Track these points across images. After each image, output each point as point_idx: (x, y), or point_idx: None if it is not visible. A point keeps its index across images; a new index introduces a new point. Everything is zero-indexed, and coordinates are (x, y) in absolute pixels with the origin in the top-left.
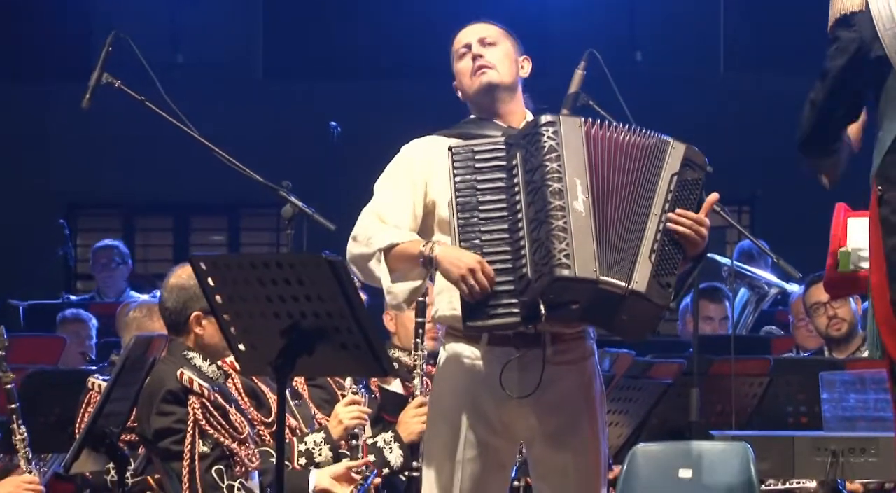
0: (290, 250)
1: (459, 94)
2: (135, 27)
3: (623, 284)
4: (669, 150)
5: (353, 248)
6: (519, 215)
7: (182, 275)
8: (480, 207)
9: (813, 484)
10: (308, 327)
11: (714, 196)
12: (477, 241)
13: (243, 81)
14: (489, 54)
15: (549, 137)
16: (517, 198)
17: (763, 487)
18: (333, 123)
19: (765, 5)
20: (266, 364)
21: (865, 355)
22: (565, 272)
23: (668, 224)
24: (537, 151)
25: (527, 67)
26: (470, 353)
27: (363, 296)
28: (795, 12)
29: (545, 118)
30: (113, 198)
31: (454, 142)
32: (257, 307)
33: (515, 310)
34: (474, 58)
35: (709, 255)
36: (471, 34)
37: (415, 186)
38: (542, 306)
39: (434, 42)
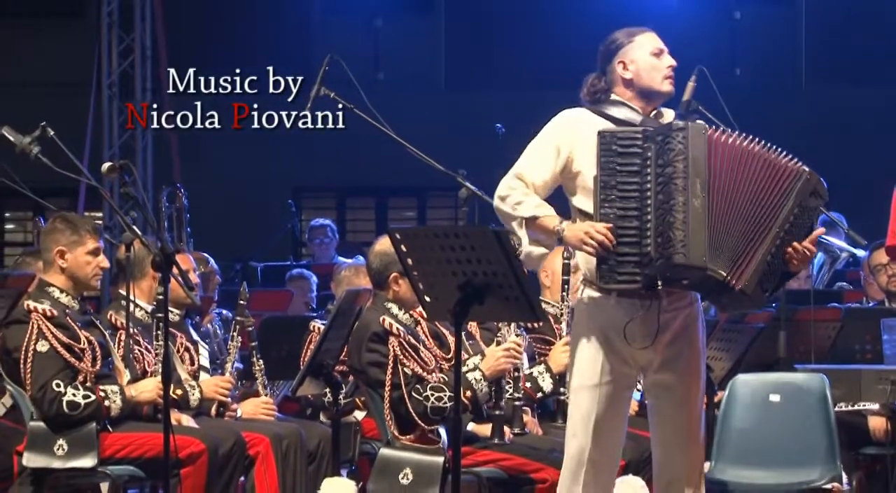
0: (465, 223)
1: (622, 75)
2: (346, 50)
3: (724, 273)
4: (803, 177)
5: (500, 205)
6: (648, 200)
7: (385, 244)
8: (618, 186)
9: (876, 406)
10: (478, 283)
11: (820, 230)
12: (612, 215)
13: (429, 92)
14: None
15: (678, 142)
16: (648, 185)
17: (836, 408)
18: (499, 124)
19: (840, 26)
20: (446, 312)
21: None
22: (681, 259)
23: (787, 247)
24: (668, 150)
25: None
26: (604, 302)
27: None
28: (867, 32)
29: (677, 124)
30: (329, 183)
31: (599, 120)
32: (439, 268)
33: (638, 278)
34: (671, 67)
35: None
36: (662, 43)
37: (558, 152)
38: (659, 282)
39: (579, 59)
